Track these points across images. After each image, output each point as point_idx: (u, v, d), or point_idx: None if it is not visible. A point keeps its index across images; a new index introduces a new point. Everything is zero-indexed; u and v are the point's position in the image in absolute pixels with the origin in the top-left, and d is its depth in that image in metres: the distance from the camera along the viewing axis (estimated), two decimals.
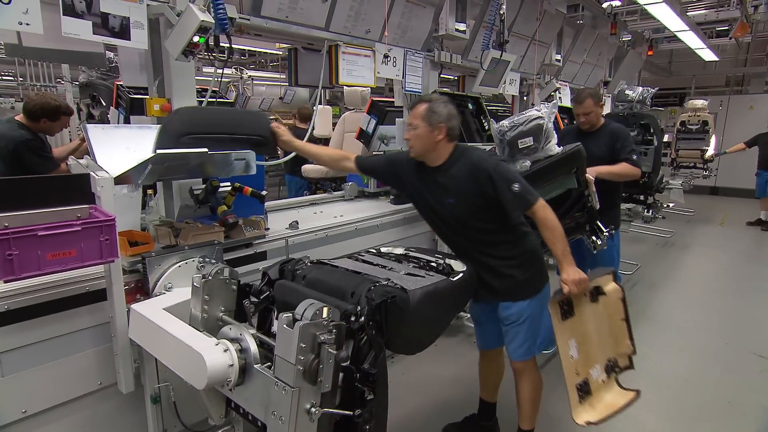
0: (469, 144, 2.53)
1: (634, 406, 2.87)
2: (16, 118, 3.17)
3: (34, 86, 5.82)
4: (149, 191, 2.52)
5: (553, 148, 2.40)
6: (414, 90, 3.89)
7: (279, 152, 3.16)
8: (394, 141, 4.23)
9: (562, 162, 2.46)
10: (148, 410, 1.89)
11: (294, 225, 2.78)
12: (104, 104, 3.97)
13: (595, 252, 2.86)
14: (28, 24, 1.81)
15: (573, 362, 2.07)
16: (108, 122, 3.28)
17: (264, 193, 2.48)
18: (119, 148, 1.88)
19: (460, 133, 2.11)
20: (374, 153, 5.27)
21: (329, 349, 1.30)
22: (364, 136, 4.33)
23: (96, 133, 1.85)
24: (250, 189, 2.42)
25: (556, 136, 2.41)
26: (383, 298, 1.53)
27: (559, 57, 5.57)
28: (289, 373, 1.28)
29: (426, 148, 2.06)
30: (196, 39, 2.16)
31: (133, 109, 2.97)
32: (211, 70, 2.45)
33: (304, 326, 1.27)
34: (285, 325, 1.30)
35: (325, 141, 8.56)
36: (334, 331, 1.33)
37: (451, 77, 5.35)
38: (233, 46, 2.37)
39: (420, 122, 2.01)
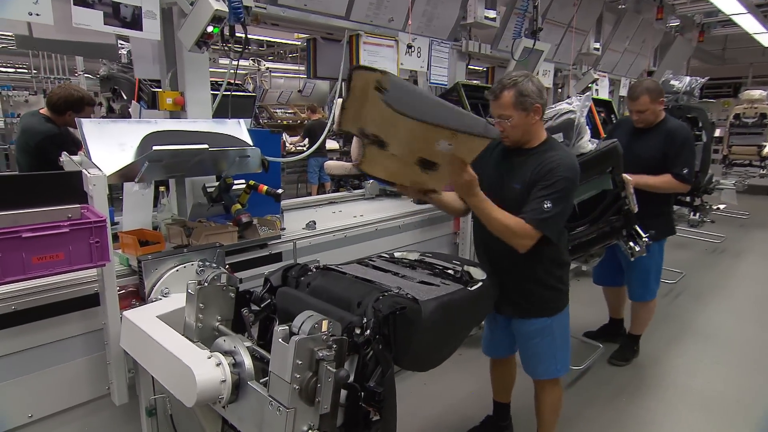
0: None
1: (679, 428, 2.75)
2: (41, 111, 3.23)
3: (48, 79, 5.95)
4: (161, 188, 2.53)
5: (586, 144, 2.31)
6: (439, 83, 3.81)
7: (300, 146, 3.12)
8: None
9: (595, 161, 2.36)
10: (143, 423, 1.87)
11: (311, 225, 2.77)
12: (125, 98, 4.02)
13: (632, 259, 2.74)
14: (38, 14, 1.85)
15: None
16: (129, 116, 3.33)
17: (280, 191, 2.47)
18: (115, 144, 1.86)
19: None
20: None
21: (328, 367, 1.24)
22: None
23: (90, 128, 1.84)
24: (266, 187, 2.42)
25: (588, 131, 2.31)
26: (392, 310, 1.47)
27: (597, 45, 5.42)
28: (284, 392, 1.22)
29: (524, 134, 1.97)
30: (210, 29, 2.18)
31: (155, 103, 3.02)
32: (228, 61, 2.44)
33: (301, 341, 1.22)
34: (280, 339, 1.25)
35: (345, 136, 8.60)
36: (334, 346, 1.27)
37: (480, 68, 5.25)
38: (250, 36, 2.37)
39: (512, 112, 1.90)
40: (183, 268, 1.88)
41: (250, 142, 2.26)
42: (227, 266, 2.07)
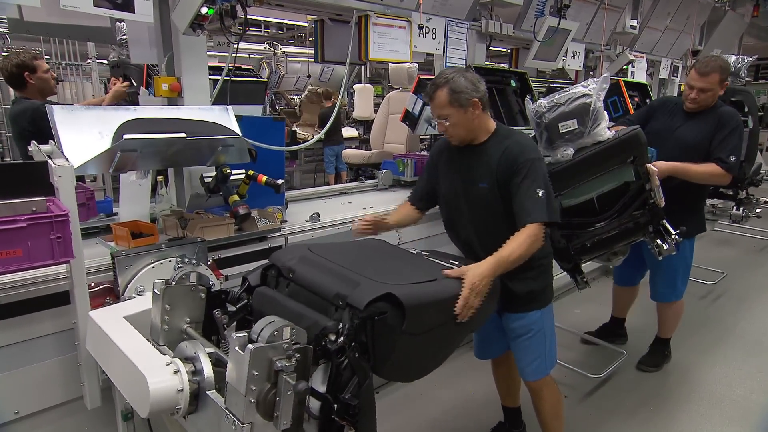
0: (515, 128, 2.46)
1: None
2: (17, 95, 3.24)
3: (60, 65, 6.03)
4: (160, 178, 2.53)
5: (603, 132, 2.18)
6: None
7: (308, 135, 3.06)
8: None
9: (614, 150, 2.23)
10: (120, 428, 1.84)
11: (314, 217, 2.73)
12: (135, 85, 4.05)
13: (660, 258, 2.58)
14: None
15: None
16: (138, 104, 3.34)
17: (280, 181, 2.43)
18: (90, 133, 1.82)
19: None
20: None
21: (287, 379, 1.16)
22: (409, 118, 4.20)
23: (62, 116, 1.80)
24: (265, 177, 2.39)
25: (606, 117, 2.17)
26: (370, 314, 1.39)
27: (634, 23, 5.16)
28: (239, 405, 1.16)
29: (468, 132, 2.01)
30: (204, 10, 2.14)
31: None
32: (247, 46, 2.39)
33: (257, 350, 1.14)
34: (237, 347, 1.18)
35: (366, 123, 8.51)
36: (297, 356, 1.20)
37: (504, 50, 5.06)
38: (267, 19, 2.32)
39: (449, 110, 1.94)
40: (160, 265, 1.84)
41: (237, 130, 2.21)
42: (210, 262, 2.03)
